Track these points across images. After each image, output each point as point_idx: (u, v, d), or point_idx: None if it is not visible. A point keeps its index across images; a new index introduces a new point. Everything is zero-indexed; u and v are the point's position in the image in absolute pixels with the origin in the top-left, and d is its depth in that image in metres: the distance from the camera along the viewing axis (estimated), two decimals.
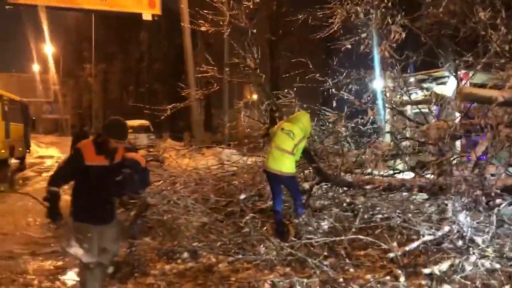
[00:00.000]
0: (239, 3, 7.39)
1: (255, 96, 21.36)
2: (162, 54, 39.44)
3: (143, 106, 13.66)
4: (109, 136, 3.90)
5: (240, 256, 5.46)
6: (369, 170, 7.70)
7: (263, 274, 4.96)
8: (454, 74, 8.00)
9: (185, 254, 5.61)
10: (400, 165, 8.06)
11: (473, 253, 5.00)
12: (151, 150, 17.73)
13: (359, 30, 7.39)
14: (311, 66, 7.75)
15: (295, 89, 8.05)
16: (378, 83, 8.26)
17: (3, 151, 16.40)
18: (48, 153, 27.54)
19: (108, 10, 20.69)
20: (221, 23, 7.31)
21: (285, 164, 6.13)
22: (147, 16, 19.97)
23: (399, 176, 7.87)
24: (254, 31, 7.37)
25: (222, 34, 7.67)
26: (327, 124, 7.84)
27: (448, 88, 8.95)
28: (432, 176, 6.96)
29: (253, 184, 7.97)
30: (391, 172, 7.99)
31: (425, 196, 7.16)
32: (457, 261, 4.91)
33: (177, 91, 8.92)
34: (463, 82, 8.83)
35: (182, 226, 6.26)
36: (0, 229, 7.41)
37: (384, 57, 7.34)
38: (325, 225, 6.05)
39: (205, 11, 7.51)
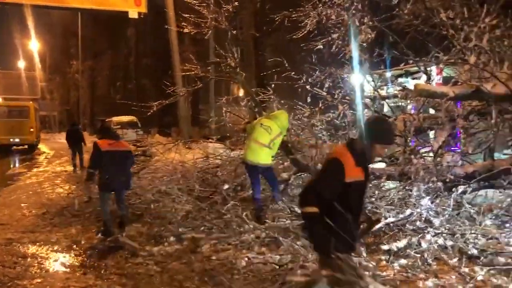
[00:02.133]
0: (220, 6, 7.92)
1: (241, 92, 21.89)
2: (150, 49, 39.63)
3: (130, 103, 14.17)
4: (376, 141, 3.06)
5: (222, 236, 6.05)
6: None
7: (241, 253, 5.54)
8: (423, 69, 8.60)
9: (172, 238, 6.17)
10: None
11: (428, 232, 5.62)
12: (139, 145, 18.17)
13: (332, 31, 7.97)
14: (287, 64, 8.29)
15: (274, 85, 8.60)
16: (355, 79, 8.84)
17: (36, 140, 26.91)
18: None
19: (95, 9, 21.02)
20: (202, 25, 7.83)
21: (262, 156, 6.71)
22: (133, 14, 20.32)
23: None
24: (234, 32, 7.91)
25: (205, 34, 8.18)
26: (303, 118, 8.40)
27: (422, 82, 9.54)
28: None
29: (235, 175, 8.54)
30: None
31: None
32: (414, 239, 5.53)
33: (165, 86, 9.38)
34: (437, 76, 9.48)
35: (168, 213, 6.87)
36: None
37: (355, 56, 7.94)
38: (299, 209, 6.62)
39: (187, 15, 8.02)
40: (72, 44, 49.46)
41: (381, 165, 8.48)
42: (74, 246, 6.23)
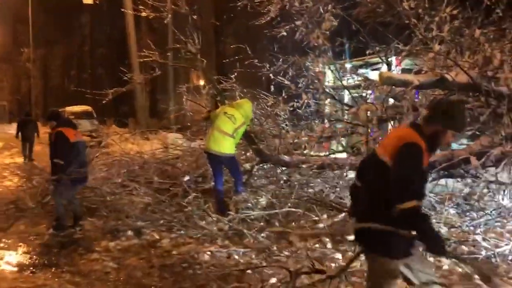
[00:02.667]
0: None
1: (202, 81, 21.49)
2: (106, 37, 38.37)
3: (85, 92, 13.54)
4: (452, 126, 2.75)
5: (182, 232, 5.79)
6: (306, 151, 8.19)
7: (203, 247, 5.31)
8: (385, 60, 8.58)
9: (129, 232, 5.86)
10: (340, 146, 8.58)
11: None
12: (94, 135, 17.50)
13: (295, 18, 7.79)
14: (249, 52, 8.07)
15: (236, 74, 8.36)
16: (316, 68, 8.71)
17: None
18: None
19: None
20: (162, 9, 7.47)
21: (225, 145, 6.47)
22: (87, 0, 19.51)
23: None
24: (195, 17, 7.60)
25: (163, 20, 7.82)
26: (266, 107, 8.21)
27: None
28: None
29: (196, 166, 8.26)
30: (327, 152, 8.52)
31: None
32: None
33: (121, 75, 8.96)
34: (396, 67, 9.49)
35: (126, 206, 6.54)
36: None
37: (318, 44, 7.80)
38: (263, 201, 6.46)
39: None
40: (22, 31, 47.16)
41: (343, 155, 8.43)
42: (23, 243, 5.79)
